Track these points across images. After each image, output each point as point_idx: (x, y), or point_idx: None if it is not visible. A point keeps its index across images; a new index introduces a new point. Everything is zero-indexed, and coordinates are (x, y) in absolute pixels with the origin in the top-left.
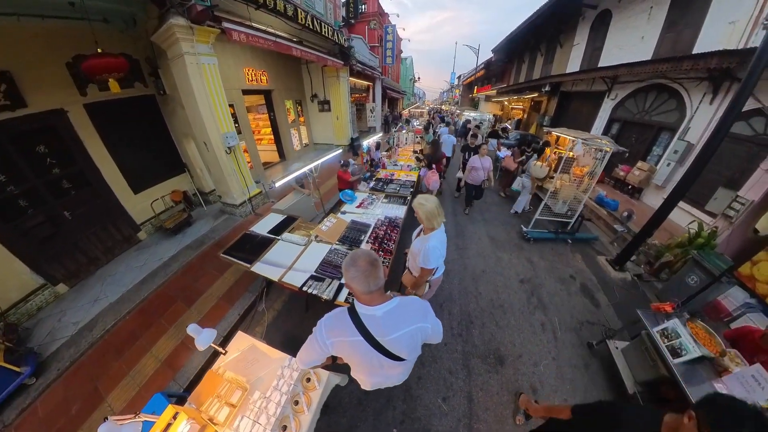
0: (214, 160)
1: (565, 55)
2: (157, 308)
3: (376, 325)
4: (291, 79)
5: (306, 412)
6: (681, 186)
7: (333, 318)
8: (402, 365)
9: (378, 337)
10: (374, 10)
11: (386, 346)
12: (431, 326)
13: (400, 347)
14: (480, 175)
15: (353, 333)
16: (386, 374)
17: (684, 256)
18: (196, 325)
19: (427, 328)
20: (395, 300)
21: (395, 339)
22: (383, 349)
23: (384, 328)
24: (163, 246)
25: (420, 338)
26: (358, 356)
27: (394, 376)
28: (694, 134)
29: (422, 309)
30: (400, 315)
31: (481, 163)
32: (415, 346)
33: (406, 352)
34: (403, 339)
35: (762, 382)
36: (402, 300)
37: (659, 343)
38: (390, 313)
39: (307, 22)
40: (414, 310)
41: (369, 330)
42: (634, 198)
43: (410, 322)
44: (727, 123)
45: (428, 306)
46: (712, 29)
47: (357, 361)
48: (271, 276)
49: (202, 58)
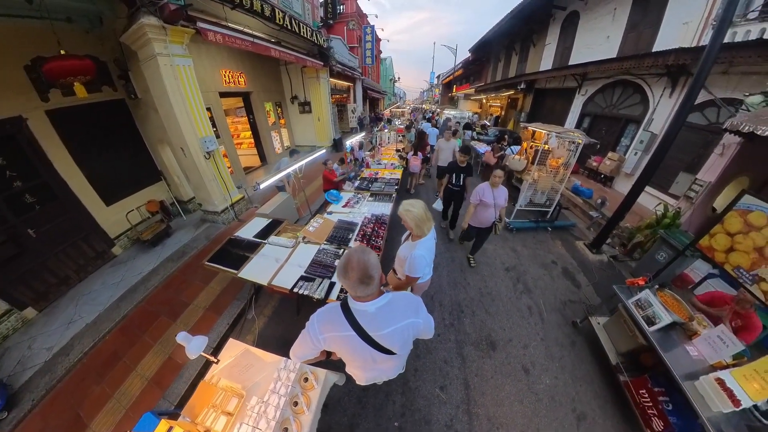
0: (193, 166)
1: (538, 54)
2: (140, 325)
3: (368, 321)
4: (270, 80)
5: (306, 413)
6: (646, 172)
7: (326, 313)
8: (394, 359)
9: (370, 332)
10: (352, 11)
11: (378, 341)
12: (423, 321)
13: (392, 342)
14: (490, 215)
15: (346, 328)
16: (379, 368)
17: (653, 236)
18: (186, 333)
19: (419, 323)
20: (387, 296)
21: (387, 334)
22: (375, 344)
23: (376, 324)
24: (142, 260)
25: (412, 333)
26: (351, 351)
27: (388, 370)
28: (657, 125)
29: (414, 305)
30: (392, 311)
31: (494, 196)
32: (407, 341)
33: (398, 346)
34: (395, 334)
35: (726, 341)
36: (394, 296)
37: (635, 313)
38: (382, 309)
39: (285, 23)
40: (406, 306)
41: (361, 325)
42: (606, 186)
43: (402, 317)
44: (683, 114)
45: (420, 302)
46: (669, 29)
47: (350, 356)
48: (260, 280)
49: (176, 60)
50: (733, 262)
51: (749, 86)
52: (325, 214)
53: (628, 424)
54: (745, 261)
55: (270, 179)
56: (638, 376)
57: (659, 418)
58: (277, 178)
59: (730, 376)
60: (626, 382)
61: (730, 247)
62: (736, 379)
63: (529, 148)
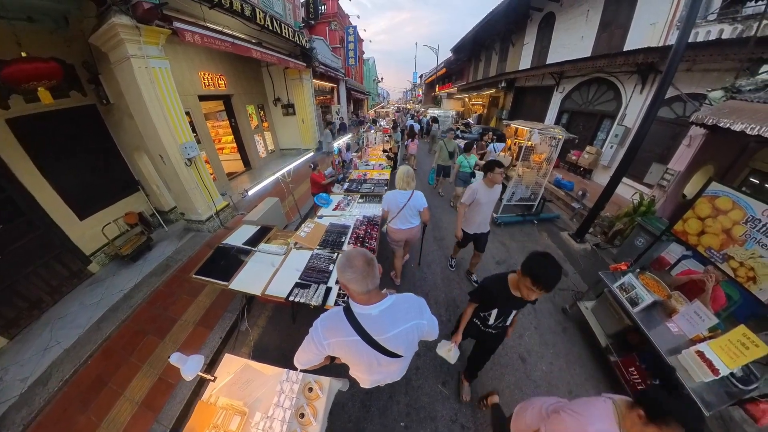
0: (173, 174)
1: (517, 54)
2: (125, 346)
3: (372, 324)
4: (251, 82)
5: (314, 423)
6: (623, 165)
7: (329, 318)
8: (399, 361)
9: (375, 336)
10: (334, 11)
11: (383, 344)
12: (427, 322)
13: (398, 344)
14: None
15: (350, 333)
16: (384, 371)
17: (631, 224)
18: (179, 353)
19: (424, 324)
20: (391, 298)
21: (392, 337)
22: (381, 347)
23: (381, 327)
24: (122, 276)
25: (417, 335)
26: (356, 355)
27: (393, 373)
28: (629, 119)
29: (418, 306)
30: (396, 313)
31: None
32: (412, 342)
33: (403, 348)
34: (399, 336)
35: (702, 316)
36: (398, 297)
37: (619, 296)
38: (386, 312)
39: (266, 23)
40: (410, 307)
41: (366, 329)
42: (586, 178)
43: (406, 319)
44: (655, 109)
45: (423, 303)
46: (638, 30)
47: (355, 361)
48: (253, 291)
49: (151, 62)
50: (705, 244)
51: (711, 82)
52: (316, 218)
53: None
54: (715, 242)
55: (258, 185)
56: (627, 356)
57: None
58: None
59: (708, 348)
60: (616, 362)
61: (702, 230)
62: (714, 350)
63: (513, 145)
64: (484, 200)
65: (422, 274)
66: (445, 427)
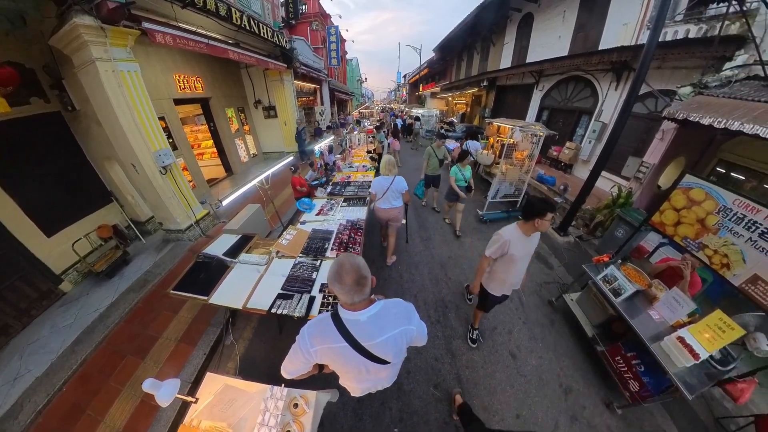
0: (147, 183)
1: (498, 53)
2: (102, 369)
3: (360, 330)
4: (230, 85)
5: None
6: (601, 159)
7: (316, 325)
8: (388, 368)
9: (363, 342)
10: (315, 11)
11: (371, 350)
12: (416, 328)
13: (386, 351)
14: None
15: (337, 339)
16: (374, 378)
17: (611, 215)
18: (152, 379)
19: (412, 330)
20: (379, 303)
21: (380, 343)
22: (369, 354)
23: (368, 333)
24: (97, 294)
25: (405, 341)
26: (344, 362)
27: (383, 380)
28: (606, 115)
29: (406, 312)
30: (384, 319)
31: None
32: (401, 348)
33: (391, 355)
34: (388, 343)
35: (681, 302)
36: (386, 303)
37: (603, 287)
38: (374, 318)
39: (243, 23)
40: (398, 313)
41: (353, 335)
42: (567, 173)
43: (395, 325)
44: (630, 105)
45: (412, 308)
46: (611, 30)
47: (343, 368)
48: (234, 304)
49: (119, 65)
50: (681, 234)
51: (680, 79)
52: (298, 224)
53: (609, 389)
54: (690, 232)
55: (233, 194)
56: (612, 345)
57: (635, 380)
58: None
59: (688, 333)
60: (603, 351)
61: (678, 220)
62: (693, 335)
63: (495, 143)
64: (520, 254)
65: (410, 276)
66: (439, 430)
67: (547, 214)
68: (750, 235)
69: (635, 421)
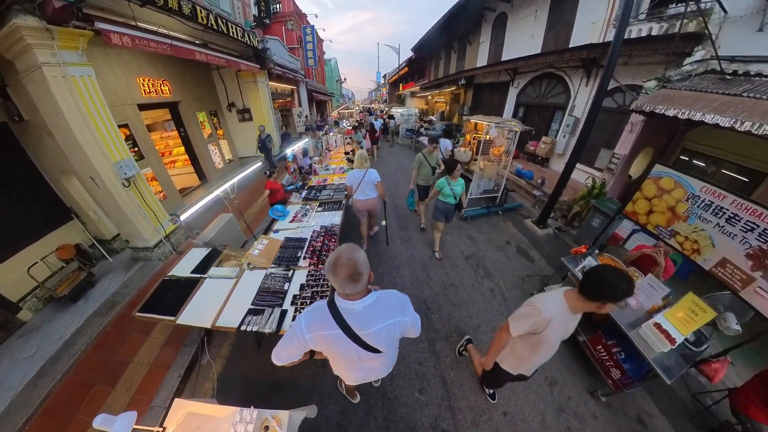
0: (109, 198)
1: (475, 52)
2: (69, 401)
3: (355, 319)
4: (201, 87)
5: None
6: (576, 152)
7: (312, 312)
8: (381, 357)
9: (357, 331)
10: (290, 10)
11: (365, 339)
12: (410, 320)
13: (379, 341)
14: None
15: (332, 326)
16: (367, 367)
17: (587, 206)
18: (104, 414)
19: (406, 321)
20: (375, 294)
21: (374, 333)
22: (362, 342)
23: (363, 322)
24: (61, 320)
25: (398, 332)
26: (338, 349)
27: (375, 368)
28: (578, 110)
29: (401, 303)
30: (379, 309)
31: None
32: (393, 339)
33: (384, 345)
34: (381, 332)
35: (656, 287)
36: (381, 294)
37: None
38: (369, 308)
39: (210, 22)
40: (393, 304)
41: (348, 323)
42: (544, 167)
43: (389, 316)
44: (600, 100)
45: (407, 300)
46: (581, 28)
47: (337, 355)
48: (203, 323)
49: (70, 69)
50: (654, 222)
51: (645, 74)
52: (271, 233)
53: (592, 377)
54: (662, 220)
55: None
56: (593, 334)
57: (616, 368)
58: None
59: (664, 319)
60: (584, 341)
61: (650, 209)
62: (669, 320)
63: (473, 140)
64: (558, 335)
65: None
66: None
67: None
68: (717, 220)
69: (619, 406)
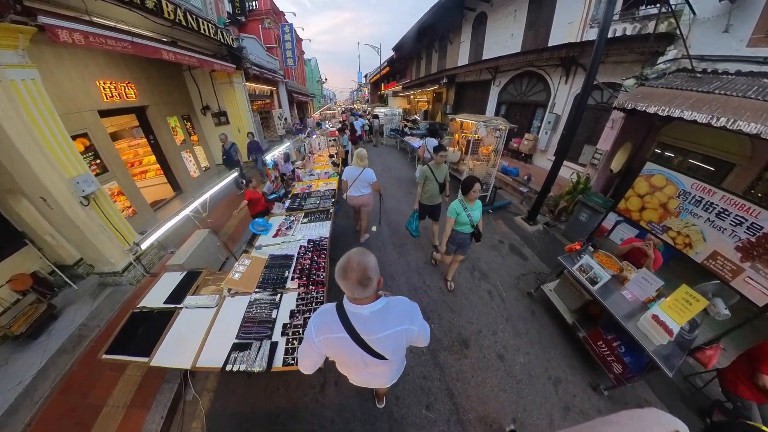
0: (65, 219)
1: (456, 51)
2: None
3: (362, 324)
4: (171, 90)
5: None
6: (563, 149)
7: (321, 315)
8: (386, 364)
9: (363, 335)
10: (267, 8)
11: (371, 344)
12: (418, 329)
13: (385, 347)
14: None
15: (339, 329)
16: (371, 372)
17: (573, 200)
18: None
19: (414, 330)
20: (383, 300)
21: (380, 339)
22: (368, 347)
23: (370, 327)
24: (20, 362)
25: (405, 340)
26: (344, 353)
27: (380, 376)
28: (558, 107)
29: (409, 311)
30: (387, 316)
31: None
32: (400, 347)
33: (389, 351)
34: (388, 339)
35: (649, 280)
36: (390, 301)
37: (580, 277)
38: (377, 313)
39: (179, 18)
40: (401, 312)
41: (355, 327)
42: (528, 163)
43: (396, 323)
44: (585, 97)
45: (416, 308)
46: (559, 28)
47: (342, 358)
48: (181, 365)
49: (8, 72)
50: (646, 218)
51: (622, 72)
52: (254, 251)
53: (594, 372)
54: (654, 216)
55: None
56: (593, 330)
57: (617, 362)
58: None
59: (660, 310)
60: (584, 337)
61: (642, 206)
62: (665, 311)
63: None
64: None
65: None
66: None
67: None
68: (708, 215)
69: (620, 398)
